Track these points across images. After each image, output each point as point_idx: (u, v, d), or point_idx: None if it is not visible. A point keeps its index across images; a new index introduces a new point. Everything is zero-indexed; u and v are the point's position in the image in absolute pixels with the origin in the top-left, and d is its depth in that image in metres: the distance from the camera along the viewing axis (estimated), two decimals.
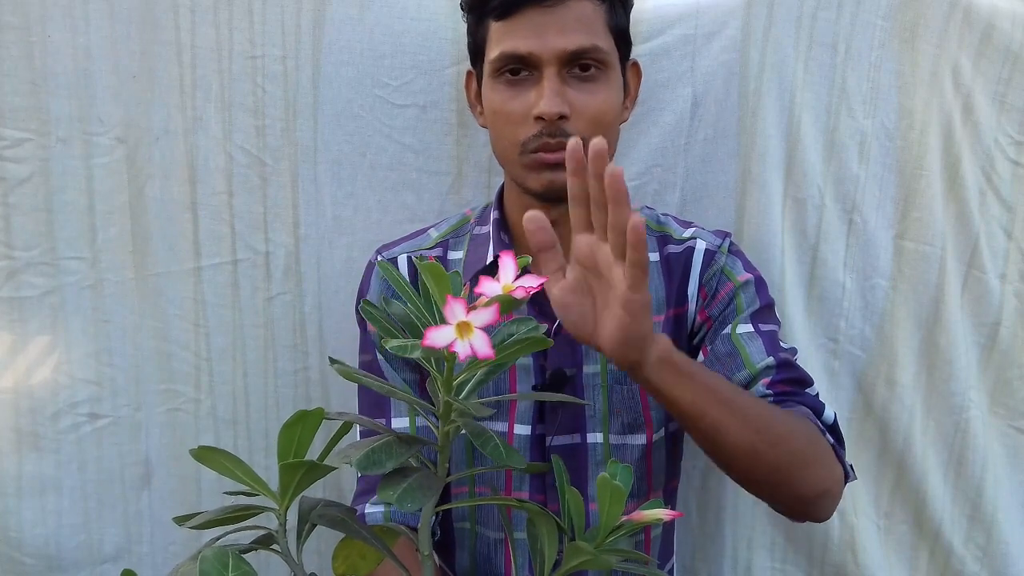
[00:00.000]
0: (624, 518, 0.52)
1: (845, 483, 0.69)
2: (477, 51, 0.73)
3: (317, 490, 0.89)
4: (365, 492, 0.75)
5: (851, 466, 0.70)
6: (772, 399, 0.69)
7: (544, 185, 0.69)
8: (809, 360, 0.90)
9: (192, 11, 0.81)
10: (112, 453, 0.87)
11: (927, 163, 0.87)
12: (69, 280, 0.84)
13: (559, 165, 0.66)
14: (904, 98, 0.86)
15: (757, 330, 0.72)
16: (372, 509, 0.74)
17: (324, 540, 0.87)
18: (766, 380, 0.69)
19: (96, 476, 0.87)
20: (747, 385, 0.70)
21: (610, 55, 0.70)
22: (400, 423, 0.75)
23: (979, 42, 0.85)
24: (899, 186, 0.88)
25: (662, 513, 0.53)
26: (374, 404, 0.76)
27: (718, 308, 0.75)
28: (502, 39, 0.69)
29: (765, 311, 0.75)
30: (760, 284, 0.76)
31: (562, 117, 0.67)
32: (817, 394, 0.72)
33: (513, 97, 0.69)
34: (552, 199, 0.70)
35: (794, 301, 0.89)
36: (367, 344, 0.78)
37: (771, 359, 0.70)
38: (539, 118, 0.67)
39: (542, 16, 0.67)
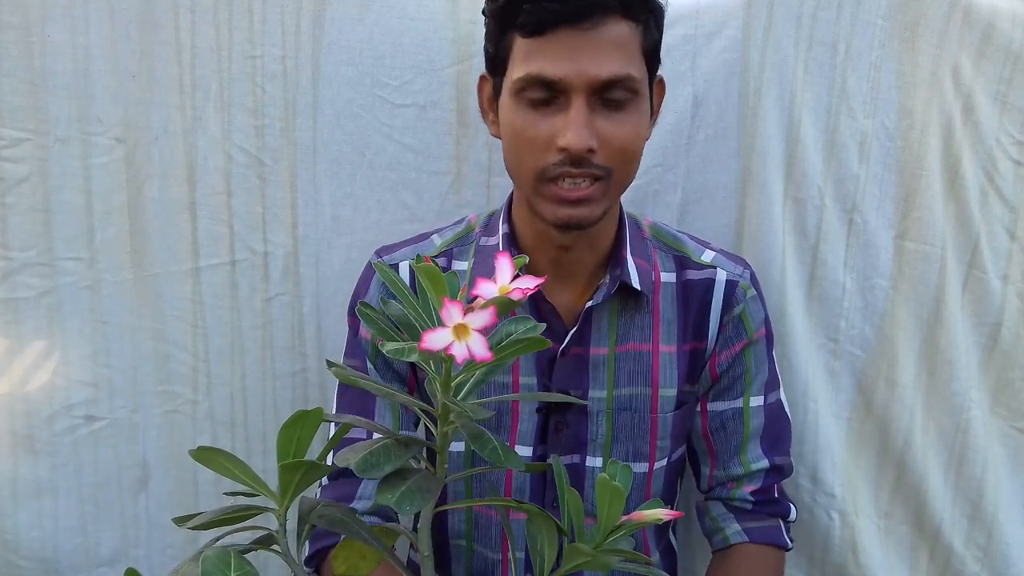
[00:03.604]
0: (623, 518, 0.52)
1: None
2: (496, 61, 0.67)
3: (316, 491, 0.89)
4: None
5: (791, 537, 0.80)
6: (752, 506, 0.78)
7: (560, 219, 0.66)
8: (809, 360, 0.90)
9: (192, 11, 0.81)
10: (109, 456, 0.87)
11: (927, 163, 0.87)
12: (66, 281, 0.83)
13: (579, 201, 0.64)
14: (904, 98, 0.86)
15: (764, 403, 0.78)
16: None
17: None
18: (752, 488, 0.77)
19: (93, 479, 0.87)
20: (737, 479, 0.78)
21: (642, 82, 0.65)
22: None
23: (979, 42, 0.85)
24: (899, 186, 0.88)
25: (662, 513, 0.53)
26: (358, 409, 0.74)
27: (727, 362, 0.76)
28: (529, 58, 0.62)
29: (774, 375, 0.79)
30: (770, 340, 0.79)
31: (589, 150, 0.63)
32: (789, 466, 0.80)
33: (536, 122, 0.63)
34: (566, 230, 0.68)
35: (794, 301, 0.89)
36: (356, 349, 0.76)
37: (765, 463, 0.77)
38: (564, 149, 0.63)
39: (576, 38, 0.61)
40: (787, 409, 0.80)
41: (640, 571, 0.55)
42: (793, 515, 0.80)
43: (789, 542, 0.78)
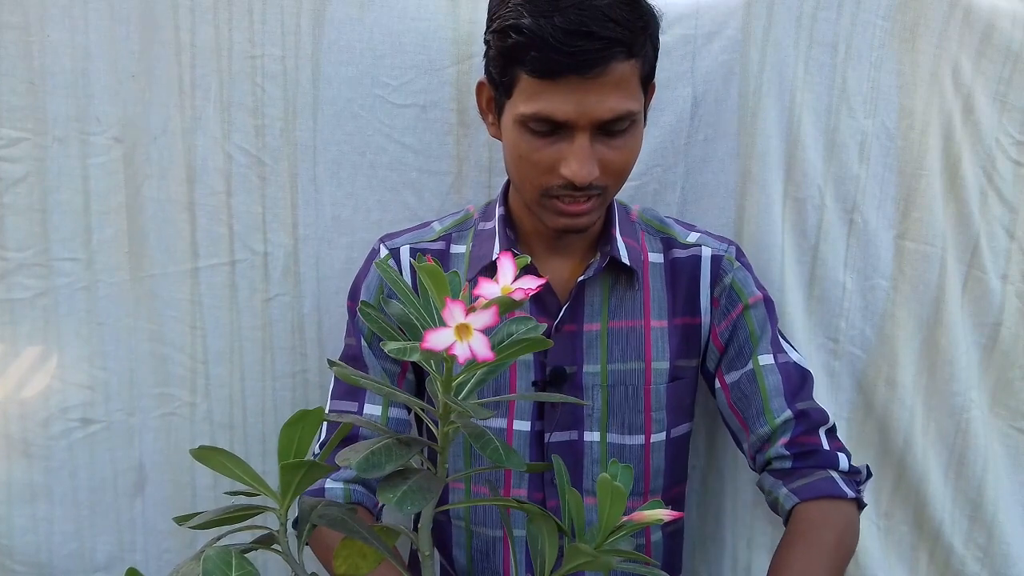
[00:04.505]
0: (624, 518, 0.52)
1: (861, 509, 0.74)
2: (499, 84, 0.69)
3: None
4: None
5: (864, 485, 0.75)
6: (791, 462, 0.74)
7: (559, 227, 0.71)
8: (809, 360, 0.90)
9: (192, 11, 0.81)
10: (104, 459, 0.86)
11: (927, 163, 0.87)
12: (62, 282, 0.83)
13: (578, 213, 0.69)
14: (904, 98, 0.86)
15: (776, 361, 0.77)
16: (332, 485, 0.75)
17: None
18: (784, 440, 0.74)
19: (88, 483, 0.86)
20: (768, 439, 0.75)
21: (640, 111, 0.68)
22: (373, 410, 0.76)
23: (979, 42, 0.86)
24: (899, 186, 0.88)
25: (662, 514, 0.53)
26: (349, 390, 0.77)
27: (728, 330, 0.77)
28: (536, 97, 0.65)
29: (776, 334, 0.78)
30: (769, 304, 0.79)
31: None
32: (833, 426, 0.77)
33: (540, 147, 0.67)
34: (563, 234, 0.73)
35: (794, 301, 0.89)
36: (351, 328, 0.79)
37: (788, 413, 0.75)
38: (567, 177, 0.66)
39: (582, 83, 0.63)
40: (805, 365, 0.79)
41: (640, 571, 0.55)
42: (845, 464, 0.74)
43: (850, 492, 0.72)
